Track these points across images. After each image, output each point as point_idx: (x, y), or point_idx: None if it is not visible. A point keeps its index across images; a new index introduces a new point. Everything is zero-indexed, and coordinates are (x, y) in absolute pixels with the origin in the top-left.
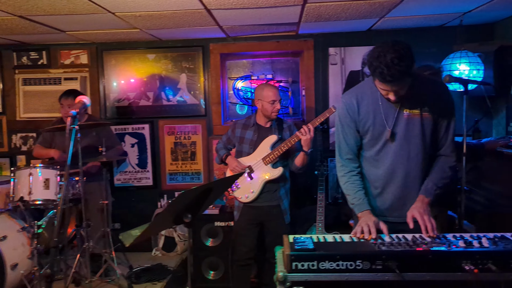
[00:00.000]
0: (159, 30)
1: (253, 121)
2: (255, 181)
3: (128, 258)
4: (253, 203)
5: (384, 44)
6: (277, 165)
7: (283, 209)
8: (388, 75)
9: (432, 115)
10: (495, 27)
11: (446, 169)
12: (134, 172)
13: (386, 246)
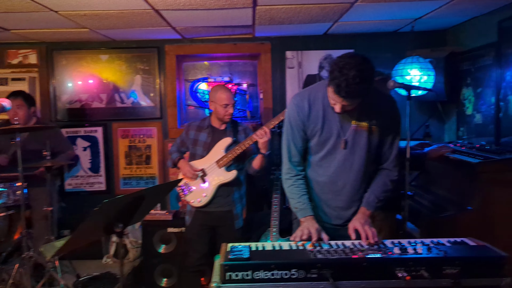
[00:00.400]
0: (110, 30)
1: (208, 123)
2: (208, 184)
3: (76, 267)
4: (205, 208)
5: (353, 58)
6: (231, 168)
7: (235, 214)
8: (344, 90)
9: (379, 130)
10: (447, 33)
11: (388, 182)
12: (87, 176)
13: (322, 254)
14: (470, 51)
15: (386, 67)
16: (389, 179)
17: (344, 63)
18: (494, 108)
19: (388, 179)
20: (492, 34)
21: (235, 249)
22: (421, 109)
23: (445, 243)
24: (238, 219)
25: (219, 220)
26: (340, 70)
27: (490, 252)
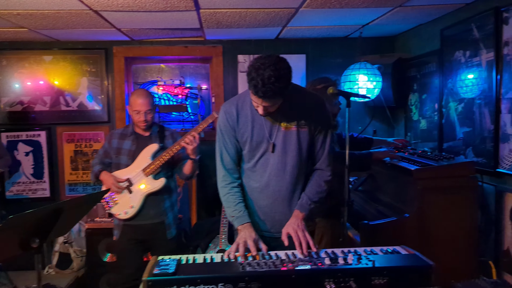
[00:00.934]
0: (52, 30)
1: (131, 130)
2: (134, 194)
3: (16, 278)
4: (134, 220)
5: (268, 58)
6: (160, 176)
7: (166, 224)
8: (261, 90)
9: (309, 129)
10: (396, 40)
11: (322, 183)
12: (29, 183)
13: (251, 266)
14: (416, 57)
15: (338, 72)
16: (323, 180)
17: (259, 63)
18: (437, 114)
19: (321, 179)
20: (436, 41)
21: (162, 263)
22: (372, 114)
23: (377, 252)
24: (171, 228)
25: (150, 233)
26: (256, 70)
27: (418, 261)
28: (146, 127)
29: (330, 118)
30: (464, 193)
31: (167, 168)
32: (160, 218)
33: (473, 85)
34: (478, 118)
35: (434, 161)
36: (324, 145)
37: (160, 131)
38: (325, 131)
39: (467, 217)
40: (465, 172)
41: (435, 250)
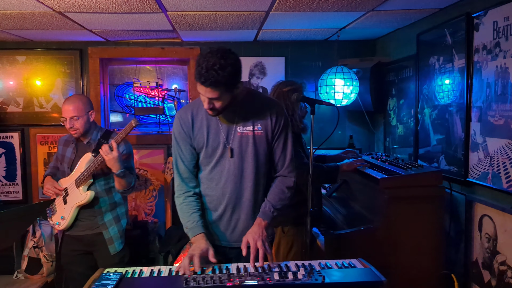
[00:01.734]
0: (21, 30)
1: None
2: (67, 206)
3: None
4: (72, 231)
5: (220, 49)
6: (92, 188)
7: (107, 238)
8: (203, 75)
9: (265, 134)
10: (376, 43)
11: (285, 190)
12: (1, 185)
13: (196, 282)
14: (395, 62)
15: (318, 76)
16: (285, 186)
17: (208, 52)
18: (413, 120)
19: (284, 186)
20: (413, 46)
21: (105, 277)
22: (351, 119)
23: (332, 266)
24: (113, 243)
25: (91, 245)
26: (203, 57)
27: (371, 276)
28: (77, 135)
29: (289, 124)
30: (432, 203)
31: (107, 179)
32: (97, 230)
33: (446, 92)
34: (451, 125)
35: (403, 169)
36: (285, 151)
37: (103, 137)
38: (285, 137)
39: (434, 228)
40: (433, 182)
41: (400, 261)
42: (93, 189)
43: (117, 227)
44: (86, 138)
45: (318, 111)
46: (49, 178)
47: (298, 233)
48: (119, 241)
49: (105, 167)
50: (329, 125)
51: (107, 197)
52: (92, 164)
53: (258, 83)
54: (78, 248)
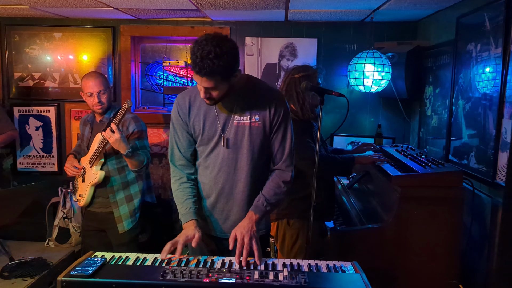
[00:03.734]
0: (52, 8)
1: (92, 115)
2: (84, 184)
3: (19, 248)
4: (90, 208)
5: (215, 35)
6: (102, 168)
7: (116, 217)
8: (198, 65)
9: (263, 125)
10: (417, 26)
11: (281, 184)
12: (39, 156)
13: (173, 274)
14: (434, 47)
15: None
16: (282, 180)
17: (202, 39)
18: (447, 111)
19: (280, 180)
20: (453, 30)
21: (88, 262)
22: (385, 106)
23: (321, 268)
24: (122, 221)
25: (104, 222)
26: (198, 44)
27: (356, 284)
28: (102, 110)
29: (289, 115)
30: (449, 205)
31: (119, 158)
32: (110, 208)
33: (481, 83)
34: (483, 120)
35: (421, 166)
36: (283, 144)
37: (115, 116)
38: (284, 129)
39: (450, 232)
40: (452, 183)
41: (408, 266)
42: (104, 169)
43: (128, 206)
44: (100, 116)
45: (350, 96)
46: (71, 157)
47: (304, 226)
48: (128, 220)
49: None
50: (361, 112)
51: (119, 176)
52: (100, 144)
53: (288, 65)
54: (93, 224)
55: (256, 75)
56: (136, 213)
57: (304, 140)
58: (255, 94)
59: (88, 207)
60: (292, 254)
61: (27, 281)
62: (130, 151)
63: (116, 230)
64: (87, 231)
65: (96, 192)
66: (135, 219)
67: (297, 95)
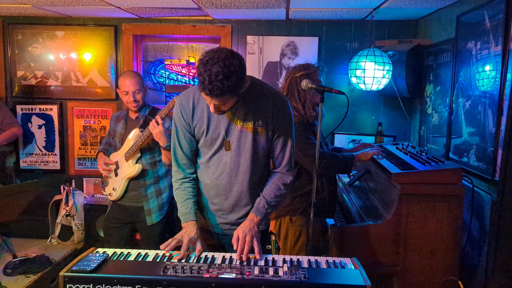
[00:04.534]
0: (57, 7)
1: (125, 112)
2: (118, 178)
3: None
4: (120, 202)
5: (218, 52)
6: (140, 161)
7: (146, 210)
8: (207, 87)
9: (266, 131)
10: (418, 24)
11: (281, 186)
12: (41, 154)
13: (174, 270)
14: (434, 45)
15: (349, 57)
16: (282, 183)
17: (208, 58)
18: (447, 109)
19: (281, 182)
20: (453, 28)
21: (90, 257)
22: (386, 104)
23: (321, 264)
24: (152, 214)
25: (133, 215)
26: (204, 65)
27: (355, 279)
28: (137, 108)
29: (291, 120)
30: (448, 202)
31: (152, 153)
32: (140, 203)
33: (480, 81)
34: (483, 118)
35: (421, 164)
36: (285, 148)
37: (151, 113)
38: (286, 133)
39: (449, 229)
40: (451, 180)
41: (407, 262)
42: (140, 163)
43: (157, 200)
44: (136, 113)
45: (351, 95)
46: (101, 155)
47: (306, 223)
48: (157, 213)
49: (151, 142)
50: (362, 110)
51: (152, 170)
52: (139, 139)
53: (290, 64)
54: (120, 217)
55: (258, 74)
56: (164, 207)
57: (307, 138)
58: (259, 98)
59: (118, 201)
60: (295, 251)
61: (30, 278)
62: (169, 144)
63: (145, 223)
64: (113, 223)
65: (129, 186)
66: (163, 212)
67: (298, 93)
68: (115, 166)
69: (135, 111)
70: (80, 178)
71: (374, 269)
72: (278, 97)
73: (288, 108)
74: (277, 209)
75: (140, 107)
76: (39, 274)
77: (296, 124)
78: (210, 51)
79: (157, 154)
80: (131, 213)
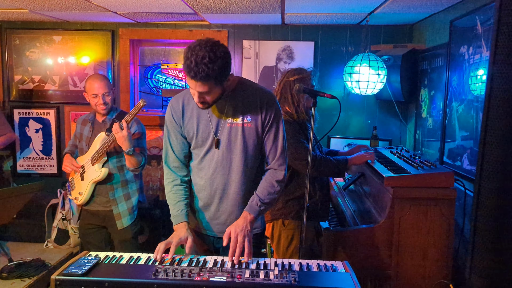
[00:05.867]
0: (55, 12)
1: (92, 116)
2: (84, 182)
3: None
4: (88, 206)
5: (208, 40)
6: (105, 165)
7: (115, 214)
8: (193, 70)
9: (255, 126)
10: (413, 29)
11: (274, 183)
12: (38, 158)
13: (165, 273)
14: (428, 50)
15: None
16: (275, 180)
17: (196, 44)
18: (441, 113)
19: (274, 179)
20: (446, 33)
21: (82, 261)
22: (382, 109)
23: (312, 267)
24: (122, 218)
25: (104, 220)
26: (191, 50)
27: (345, 283)
28: (106, 111)
29: (281, 115)
30: (441, 205)
31: (119, 157)
32: (109, 207)
33: (473, 85)
34: (475, 122)
35: (413, 168)
36: (276, 143)
37: (119, 117)
38: (276, 129)
39: (441, 232)
40: (443, 183)
41: (400, 265)
42: (106, 167)
43: (126, 204)
44: (103, 117)
45: (347, 99)
46: (68, 156)
47: (299, 226)
48: (127, 217)
49: (117, 146)
50: (358, 114)
51: (119, 174)
52: (105, 143)
53: (285, 68)
54: (93, 222)
55: (254, 78)
56: (134, 211)
57: (299, 141)
58: (246, 95)
59: (86, 206)
60: (287, 254)
61: (26, 281)
62: (132, 150)
63: (115, 227)
64: (87, 229)
65: (95, 190)
66: (133, 216)
67: (292, 97)
68: (81, 169)
69: (103, 114)
70: None
71: (367, 272)
72: (265, 93)
73: (276, 103)
74: (271, 207)
75: (108, 110)
76: (35, 278)
77: (289, 128)
78: (199, 40)
79: (123, 158)
80: (102, 218)
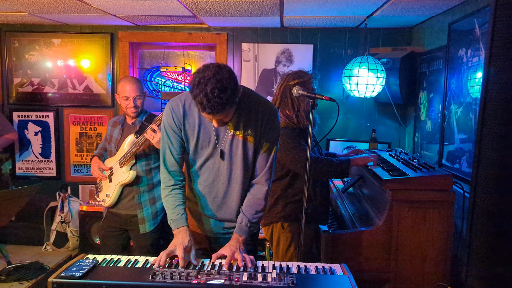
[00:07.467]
0: (53, 15)
1: (123, 118)
2: (112, 184)
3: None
4: (114, 209)
5: (206, 70)
6: (134, 168)
7: (139, 218)
8: (207, 106)
9: (254, 139)
10: (412, 32)
11: (261, 201)
12: (37, 161)
13: (163, 276)
14: (427, 53)
15: (343, 65)
16: (260, 197)
17: (199, 78)
18: (440, 116)
19: (257, 197)
20: (444, 36)
21: (79, 263)
22: (381, 111)
23: (310, 270)
24: (145, 223)
25: (127, 223)
26: (198, 86)
27: (343, 285)
28: (136, 113)
29: (278, 130)
30: (439, 208)
31: (148, 160)
32: (134, 211)
33: (471, 88)
34: (474, 125)
35: (412, 170)
36: (267, 157)
37: (148, 120)
38: (270, 143)
39: (440, 235)
40: (442, 186)
41: (398, 268)
42: (134, 169)
43: (151, 209)
44: (133, 119)
45: (346, 102)
46: (96, 159)
47: (298, 230)
48: (150, 222)
49: (147, 148)
50: (357, 117)
51: (146, 177)
52: (134, 145)
53: (285, 71)
54: (115, 225)
55: (253, 81)
56: (158, 216)
57: (300, 144)
58: (250, 107)
59: (112, 208)
60: (287, 257)
61: (24, 284)
62: None
63: (137, 231)
64: (109, 232)
65: (122, 193)
66: (156, 221)
67: (292, 102)
68: (109, 172)
69: (133, 117)
70: (76, 185)
71: (366, 275)
72: (267, 106)
73: (277, 118)
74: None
75: (138, 113)
76: (33, 281)
77: (289, 132)
78: (199, 71)
79: (152, 161)
80: (125, 221)
